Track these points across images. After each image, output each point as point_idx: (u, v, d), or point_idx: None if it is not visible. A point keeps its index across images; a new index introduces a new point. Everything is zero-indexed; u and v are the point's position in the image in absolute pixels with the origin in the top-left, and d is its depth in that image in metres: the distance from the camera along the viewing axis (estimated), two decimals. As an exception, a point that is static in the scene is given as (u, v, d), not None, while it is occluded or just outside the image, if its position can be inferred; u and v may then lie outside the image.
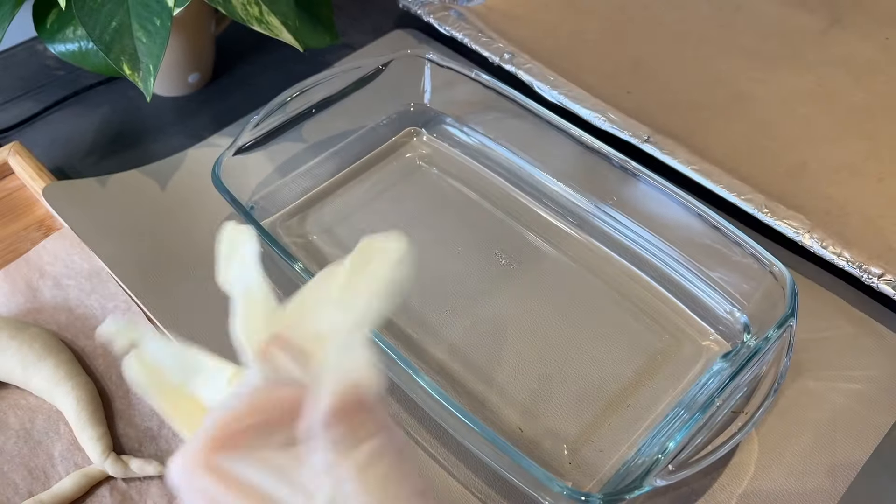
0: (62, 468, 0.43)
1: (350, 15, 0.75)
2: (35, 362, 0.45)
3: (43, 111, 0.65)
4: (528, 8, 0.74)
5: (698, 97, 0.66)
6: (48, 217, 0.57)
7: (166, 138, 0.63)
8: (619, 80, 0.67)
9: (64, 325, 0.49)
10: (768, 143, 0.62)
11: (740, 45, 0.71)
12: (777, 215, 0.54)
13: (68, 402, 0.44)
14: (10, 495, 0.42)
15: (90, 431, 0.43)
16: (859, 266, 0.51)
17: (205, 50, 0.66)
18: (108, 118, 0.65)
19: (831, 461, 0.45)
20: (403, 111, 0.63)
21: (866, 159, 0.61)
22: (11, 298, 0.51)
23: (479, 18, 0.71)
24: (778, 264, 0.47)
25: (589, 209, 0.57)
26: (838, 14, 0.74)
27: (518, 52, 0.66)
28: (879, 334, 0.51)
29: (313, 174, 0.59)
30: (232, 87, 0.68)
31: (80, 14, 0.51)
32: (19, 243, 0.55)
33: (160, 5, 0.52)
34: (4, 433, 0.45)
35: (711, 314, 0.51)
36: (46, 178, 0.57)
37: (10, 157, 0.58)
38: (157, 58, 0.52)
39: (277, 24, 0.57)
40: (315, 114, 0.58)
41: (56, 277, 0.52)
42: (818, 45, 0.71)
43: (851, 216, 0.56)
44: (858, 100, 0.66)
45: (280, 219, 0.56)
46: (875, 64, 0.69)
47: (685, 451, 0.40)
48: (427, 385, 0.42)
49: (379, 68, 0.60)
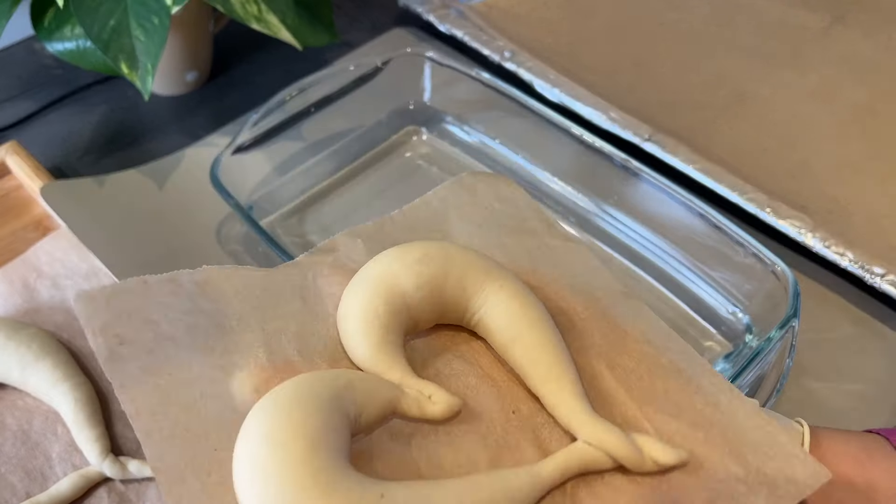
0: (60, 469, 0.43)
1: (349, 13, 0.75)
2: (32, 363, 0.45)
3: (40, 110, 0.65)
4: (529, 6, 0.74)
5: (700, 96, 0.66)
6: (46, 217, 0.57)
7: (164, 137, 0.63)
8: (620, 78, 0.67)
9: (62, 325, 0.49)
10: (770, 142, 0.62)
11: (742, 44, 0.71)
12: (779, 215, 0.54)
13: (66, 402, 0.44)
14: (7, 497, 0.42)
15: (88, 432, 0.43)
16: (862, 266, 0.51)
17: (203, 48, 0.66)
18: (105, 117, 0.65)
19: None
20: (403, 110, 0.63)
21: (869, 158, 0.61)
22: (9, 299, 0.50)
23: (479, 16, 0.71)
24: (780, 264, 0.46)
25: (590, 208, 0.56)
26: (840, 13, 0.74)
27: (519, 50, 0.66)
28: (882, 335, 0.51)
29: (312, 173, 0.58)
30: (230, 86, 0.68)
31: (79, 13, 0.51)
32: (17, 243, 0.55)
33: (158, 4, 0.52)
34: (2, 434, 0.44)
35: (713, 314, 0.51)
36: (44, 177, 0.56)
37: (7, 157, 0.58)
38: (156, 56, 0.52)
39: (276, 22, 0.56)
40: (314, 113, 0.58)
41: (54, 277, 0.52)
42: (820, 43, 0.71)
43: (854, 216, 0.56)
44: (861, 99, 0.66)
45: (279, 218, 0.56)
46: (877, 62, 0.69)
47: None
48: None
49: (378, 67, 0.60)
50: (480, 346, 0.38)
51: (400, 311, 0.36)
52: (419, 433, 0.34)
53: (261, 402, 0.31)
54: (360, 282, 0.37)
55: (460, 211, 0.43)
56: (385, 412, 0.33)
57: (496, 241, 0.42)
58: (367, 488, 0.29)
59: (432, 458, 0.33)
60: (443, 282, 0.36)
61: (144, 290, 0.36)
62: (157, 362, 0.33)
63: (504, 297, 0.36)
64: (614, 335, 0.38)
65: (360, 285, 0.37)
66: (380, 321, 0.35)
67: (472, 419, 0.35)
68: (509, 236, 0.42)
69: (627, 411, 0.35)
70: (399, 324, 0.36)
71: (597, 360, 0.37)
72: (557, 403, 0.34)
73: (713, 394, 0.35)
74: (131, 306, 0.35)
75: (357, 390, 0.32)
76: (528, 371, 0.35)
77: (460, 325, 0.38)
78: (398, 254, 0.37)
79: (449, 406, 0.34)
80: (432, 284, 0.36)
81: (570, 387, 0.34)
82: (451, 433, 0.34)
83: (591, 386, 0.36)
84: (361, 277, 0.37)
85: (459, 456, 0.33)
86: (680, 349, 0.37)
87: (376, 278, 0.36)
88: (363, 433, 0.33)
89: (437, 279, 0.36)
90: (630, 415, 0.35)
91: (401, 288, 0.36)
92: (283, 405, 0.30)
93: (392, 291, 0.36)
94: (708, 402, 0.35)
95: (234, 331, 0.35)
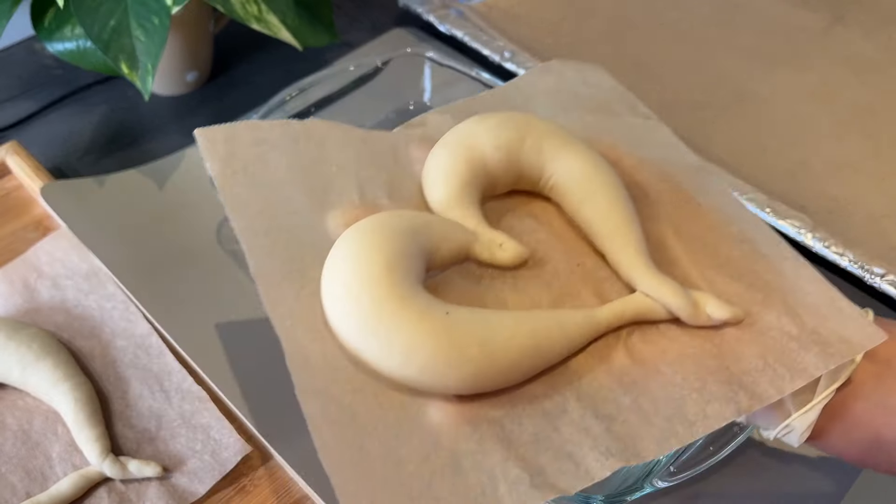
0: (60, 469, 0.43)
1: (349, 13, 0.75)
2: (33, 363, 0.45)
3: (41, 110, 0.65)
4: (529, 6, 0.74)
5: (700, 96, 0.66)
6: (46, 217, 0.57)
7: (164, 137, 0.63)
8: (619, 78, 0.66)
9: (62, 325, 0.49)
10: (770, 142, 0.62)
11: (742, 44, 0.71)
12: (779, 214, 0.54)
13: (66, 402, 0.44)
14: (7, 497, 0.42)
15: (88, 432, 0.43)
16: (862, 266, 0.51)
17: (203, 48, 0.66)
18: (106, 117, 0.65)
19: (834, 462, 0.44)
20: (403, 110, 0.63)
21: (869, 158, 0.61)
22: (9, 299, 0.50)
23: (479, 17, 0.71)
24: (780, 264, 0.46)
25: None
26: (840, 12, 0.74)
27: (519, 50, 0.66)
28: (882, 334, 0.51)
29: (312, 173, 0.58)
30: (231, 86, 0.68)
31: (79, 13, 0.51)
32: (17, 243, 0.55)
33: (158, 4, 0.52)
34: (2, 434, 0.44)
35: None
36: (44, 177, 0.56)
37: (7, 157, 0.58)
38: (156, 56, 0.52)
39: (276, 22, 0.56)
40: (314, 113, 0.58)
41: (54, 277, 0.52)
42: (820, 43, 0.71)
43: (854, 215, 0.56)
44: (861, 98, 0.66)
45: (279, 218, 0.56)
46: (877, 62, 0.69)
47: (686, 452, 0.40)
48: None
49: (378, 67, 0.60)
50: (553, 209, 0.40)
51: (478, 170, 0.38)
52: (487, 276, 0.37)
53: (346, 231, 0.35)
54: (443, 143, 0.40)
55: (546, 94, 0.46)
56: (458, 253, 0.36)
57: (578, 120, 0.44)
58: (435, 305, 0.32)
59: (498, 296, 0.36)
60: (520, 145, 0.39)
61: (257, 130, 0.40)
62: (265, 192, 0.38)
63: (579, 163, 0.39)
64: (686, 206, 0.40)
65: (443, 146, 0.40)
66: (459, 177, 0.38)
67: (539, 268, 0.37)
68: (591, 115, 0.45)
69: (689, 273, 0.37)
70: (477, 181, 0.39)
71: (665, 227, 0.39)
72: (621, 258, 0.36)
73: (778, 261, 0.37)
74: (245, 143, 0.39)
75: (434, 229, 0.36)
76: (596, 229, 0.37)
77: (534, 192, 0.41)
78: (480, 118, 0.40)
79: (518, 254, 0.36)
80: (510, 146, 0.39)
81: (634, 244, 0.36)
82: (517, 278, 0.37)
83: (657, 250, 0.38)
84: (445, 139, 0.40)
85: (523, 297, 0.36)
86: (750, 220, 0.39)
87: (458, 138, 0.39)
88: (437, 270, 0.36)
89: (515, 142, 0.39)
90: (691, 276, 0.37)
91: (480, 148, 0.39)
92: (366, 231, 0.34)
93: (472, 150, 0.39)
94: (771, 269, 0.37)
95: (332, 174, 0.39)
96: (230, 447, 0.44)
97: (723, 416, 0.32)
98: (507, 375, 0.32)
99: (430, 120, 0.43)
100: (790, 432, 0.34)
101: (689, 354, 0.34)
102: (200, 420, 0.45)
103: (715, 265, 0.37)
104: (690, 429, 0.32)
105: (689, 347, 0.34)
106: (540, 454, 0.31)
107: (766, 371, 0.33)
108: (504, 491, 0.30)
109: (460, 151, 0.38)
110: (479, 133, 0.39)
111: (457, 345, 0.31)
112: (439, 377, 0.31)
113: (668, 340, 0.35)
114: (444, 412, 0.32)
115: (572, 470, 0.31)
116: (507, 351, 0.32)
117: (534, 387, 0.33)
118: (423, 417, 0.32)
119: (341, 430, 0.31)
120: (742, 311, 0.34)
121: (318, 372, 0.32)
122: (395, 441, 0.31)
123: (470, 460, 0.31)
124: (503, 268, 0.37)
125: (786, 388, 0.32)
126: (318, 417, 0.31)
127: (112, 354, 0.48)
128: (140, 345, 0.48)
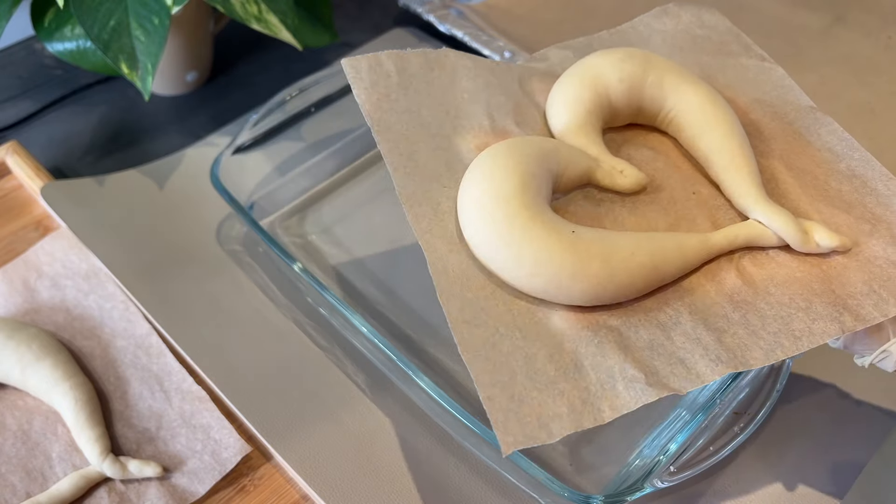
0: (60, 469, 0.43)
1: (349, 13, 0.75)
2: (33, 363, 0.45)
3: (41, 110, 0.65)
4: (529, 6, 0.74)
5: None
6: (46, 217, 0.57)
7: (164, 137, 0.63)
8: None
9: (62, 325, 0.49)
10: (770, 142, 0.62)
11: (742, 44, 0.71)
12: (779, 215, 0.54)
13: (66, 402, 0.44)
14: (7, 497, 0.42)
15: (88, 432, 0.43)
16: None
17: (203, 48, 0.66)
18: (106, 117, 0.65)
19: (834, 462, 0.44)
20: (403, 110, 0.63)
21: (868, 158, 0.61)
22: (9, 299, 0.50)
23: (479, 17, 0.71)
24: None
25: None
26: (840, 12, 0.74)
27: (519, 50, 0.66)
28: (882, 334, 0.51)
29: (312, 173, 0.58)
30: (231, 86, 0.68)
31: (79, 13, 0.51)
32: (17, 243, 0.55)
33: (159, 4, 0.52)
34: (2, 434, 0.44)
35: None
36: (44, 177, 0.56)
37: (7, 157, 0.58)
38: (156, 56, 0.52)
39: (276, 22, 0.56)
40: (314, 113, 0.58)
41: (54, 277, 0.52)
42: (820, 43, 0.71)
43: (854, 215, 0.56)
44: (860, 99, 0.66)
45: (279, 218, 0.56)
46: (877, 63, 0.69)
47: (687, 452, 0.40)
48: (427, 386, 0.42)
49: (379, 67, 0.60)
50: (669, 142, 0.43)
51: (602, 100, 0.42)
52: (608, 199, 0.40)
53: (481, 154, 0.38)
54: (569, 73, 0.43)
55: (664, 35, 0.48)
56: (582, 177, 0.40)
57: (695, 60, 0.47)
58: (561, 223, 0.36)
59: (616, 218, 0.39)
60: (642, 79, 0.42)
61: (399, 60, 0.43)
62: (406, 118, 0.41)
63: (698, 98, 0.42)
64: (797, 143, 0.42)
65: (569, 76, 0.43)
66: (584, 106, 0.41)
67: (656, 194, 0.41)
68: (708, 56, 0.47)
69: (799, 204, 0.39)
70: (600, 111, 0.42)
71: (777, 162, 0.41)
72: (736, 188, 0.39)
73: (887, 196, 0.39)
74: (388, 71, 0.42)
75: (561, 154, 0.39)
76: (711, 159, 0.40)
77: (651, 127, 0.44)
78: (604, 52, 0.43)
79: (637, 180, 0.40)
80: (633, 79, 0.42)
81: (748, 175, 0.39)
82: (636, 202, 0.40)
83: (769, 182, 0.40)
84: (570, 70, 0.43)
85: (640, 221, 0.39)
86: (862, 158, 0.41)
87: (584, 70, 0.42)
88: (561, 192, 0.40)
89: (638, 76, 0.42)
90: (801, 207, 0.39)
91: (604, 79, 0.42)
92: (499, 154, 0.37)
93: (596, 81, 0.42)
94: (880, 203, 0.39)
95: (464, 101, 0.42)
96: (230, 447, 0.44)
97: (828, 332, 0.35)
98: (625, 290, 0.35)
99: (552, 55, 0.47)
100: (886, 357, 0.36)
101: (796, 278, 0.37)
102: (200, 420, 0.45)
103: (825, 198, 0.39)
104: (797, 342, 0.35)
105: (797, 272, 0.37)
106: (654, 359, 0.34)
107: (871, 296, 0.36)
108: (622, 388, 0.33)
109: (586, 82, 0.42)
110: (604, 65, 0.42)
111: (581, 260, 0.35)
112: (564, 289, 0.35)
113: (776, 265, 0.37)
114: (566, 319, 0.35)
115: (684, 373, 0.34)
116: (627, 268, 0.35)
117: (649, 301, 0.36)
118: (547, 322, 0.35)
119: (476, 329, 0.34)
120: (850, 240, 0.37)
121: (456, 278, 0.36)
122: (523, 342, 0.34)
123: (590, 360, 0.34)
124: (623, 193, 0.40)
125: (890, 312, 0.35)
126: (456, 317, 0.34)
127: (112, 354, 0.48)
128: (140, 345, 0.48)
